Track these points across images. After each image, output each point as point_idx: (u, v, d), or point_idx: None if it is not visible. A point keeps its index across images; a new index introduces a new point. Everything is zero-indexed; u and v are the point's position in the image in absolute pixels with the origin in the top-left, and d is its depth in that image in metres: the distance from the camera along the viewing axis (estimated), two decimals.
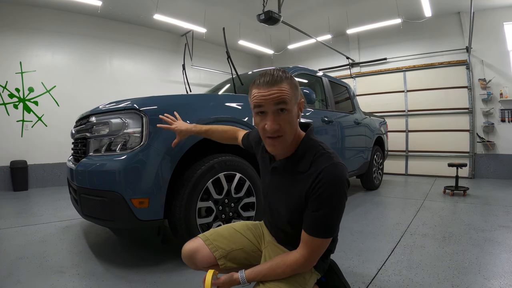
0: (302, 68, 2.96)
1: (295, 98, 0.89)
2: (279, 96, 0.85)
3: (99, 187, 1.54)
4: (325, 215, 0.85)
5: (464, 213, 2.80)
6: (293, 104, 0.88)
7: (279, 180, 1.00)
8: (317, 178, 0.85)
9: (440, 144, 5.63)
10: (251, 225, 1.21)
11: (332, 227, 0.88)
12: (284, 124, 0.87)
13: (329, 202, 0.84)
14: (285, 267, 0.90)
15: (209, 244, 1.09)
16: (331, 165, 0.86)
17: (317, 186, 0.84)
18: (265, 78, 0.86)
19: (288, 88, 0.86)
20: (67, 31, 5.12)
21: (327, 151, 0.91)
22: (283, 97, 0.85)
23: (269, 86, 0.85)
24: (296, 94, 0.89)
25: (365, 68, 6.66)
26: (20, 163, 4.54)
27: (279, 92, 0.85)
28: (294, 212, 0.94)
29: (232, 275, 0.94)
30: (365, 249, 1.94)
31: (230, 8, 5.47)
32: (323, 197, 0.84)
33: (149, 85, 6.16)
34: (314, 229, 0.87)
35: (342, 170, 0.86)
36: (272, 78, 0.86)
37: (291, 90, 0.87)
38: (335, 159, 0.88)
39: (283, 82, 0.86)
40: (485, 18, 5.10)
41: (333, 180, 0.84)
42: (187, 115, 1.66)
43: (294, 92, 0.89)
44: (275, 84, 0.85)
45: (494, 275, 1.50)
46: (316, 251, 0.89)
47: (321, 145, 0.94)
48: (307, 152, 0.92)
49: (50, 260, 1.80)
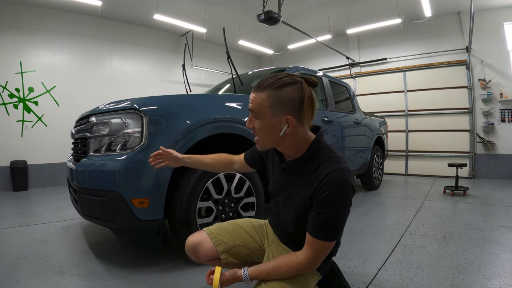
0: (302, 68, 2.96)
1: (271, 111, 0.87)
2: (251, 103, 0.90)
3: (99, 187, 1.54)
4: (328, 218, 0.85)
5: (464, 213, 2.80)
6: (265, 116, 0.88)
7: (287, 180, 1.01)
8: (323, 180, 0.85)
9: (440, 144, 5.63)
10: (255, 223, 1.22)
11: (335, 230, 0.88)
12: (257, 128, 0.92)
13: (333, 205, 0.84)
14: (288, 268, 0.91)
15: (213, 238, 1.10)
16: (338, 169, 0.86)
17: (322, 188, 0.85)
18: (260, 81, 0.90)
19: (263, 99, 0.87)
20: (67, 31, 5.12)
21: (336, 154, 0.92)
22: (253, 105, 0.90)
23: (253, 90, 0.91)
24: (275, 107, 0.86)
25: (365, 68, 6.66)
26: (20, 163, 4.54)
27: (253, 99, 0.90)
28: (299, 213, 0.95)
29: (235, 271, 0.95)
30: (365, 249, 1.94)
31: (230, 8, 5.47)
32: (328, 200, 0.84)
33: (149, 85, 6.16)
34: (317, 232, 0.87)
35: (348, 175, 0.87)
36: (259, 83, 0.90)
37: (266, 102, 0.87)
38: (342, 164, 0.88)
39: (264, 91, 0.88)
40: (485, 18, 5.09)
41: (338, 184, 0.84)
42: (187, 115, 1.67)
43: (272, 105, 0.86)
44: (256, 90, 0.90)
45: (494, 275, 1.50)
46: (320, 254, 0.90)
47: (330, 148, 0.94)
48: (315, 154, 0.93)
49: (50, 260, 1.79)
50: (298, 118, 0.88)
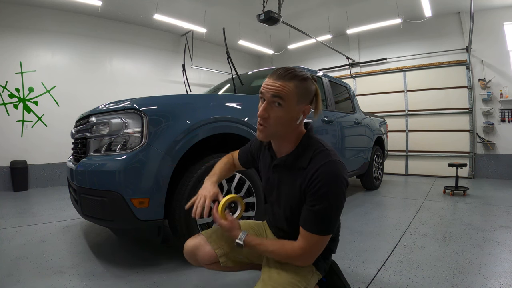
0: (302, 68, 2.96)
1: (297, 99, 0.90)
2: (279, 90, 0.88)
3: (99, 187, 1.54)
4: (321, 211, 0.85)
5: (464, 213, 2.80)
6: (291, 104, 0.89)
7: (280, 177, 1.01)
8: (315, 174, 0.86)
9: (440, 144, 5.63)
10: (254, 224, 1.21)
11: (329, 223, 0.87)
12: (272, 117, 0.90)
13: (326, 198, 0.85)
14: (281, 251, 0.92)
15: (211, 241, 1.10)
16: (329, 162, 0.87)
17: (315, 181, 0.86)
18: (279, 70, 0.90)
19: (292, 87, 0.88)
20: (67, 31, 5.12)
21: (326, 148, 0.93)
22: (282, 93, 0.88)
23: (276, 78, 0.89)
24: (301, 97, 0.90)
25: (365, 68, 6.66)
26: (20, 163, 4.54)
27: (281, 87, 0.88)
28: (293, 208, 0.95)
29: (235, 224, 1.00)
30: (365, 249, 1.94)
31: (230, 8, 5.47)
32: (320, 193, 0.85)
33: (149, 85, 6.16)
34: (310, 225, 0.87)
35: (340, 168, 0.88)
36: (284, 72, 0.89)
37: (295, 90, 0.89)
38: (334, 157, 0.90)
39: (291, 81, 0.88)
40: (485, 18, 5.09)
41: (330, 177, 0.85)
42: (187, 115, 1.66)
43: (299, 94, 0.90)
44: (282, 79, 0.89)
45: (494, 275, 1.50)
46: (314, 248, 0.90)
47: (321, 142, 0.96)
48: (307, 149, 0.94)
49: (50, 260, 1.79)
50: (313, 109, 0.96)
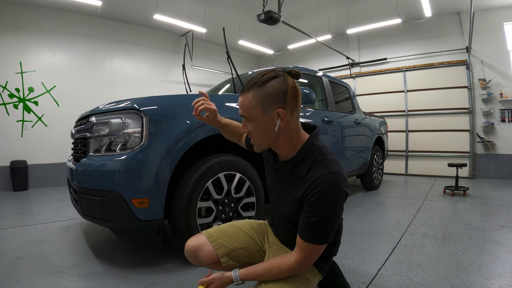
0: (302, 68, 2.96)
1: (262, 109, 0.87)
2: (242, 106, 0.89)
3: (99, 187, 1.54)
4: (317, 223, 0.84)
5: (464, 213, 2.80)
6: (256, 116, 0.88)
7: (280, 181, 1.01)
8: (312, 185, 0.84)
9: (440, 144, 5.63)
10: (255, 224, 1.21)
11: (324, 234, 0.86)
12: (251, 132, 0.91)
13: (322, 210, 0.83)
14: (280, 270, 0.90)
15: (212, 241, 1.09)
16: (328, 174, 0.84)
17: (311, 193, 0.83)
18: (247, 83, 0.89)
19: (250, 99, 0.87)
20: (67, 31, 5.12)
21: (327, 157, 0.89)
22: (244, 108, 0.89)
23: (241, 94, 0.90)
24: (265, 104, 0.86)
25: (365, 68, 6.66)
26: (20, 163, 4.54)
27: (242, 102, 0.89)
28: (292, 214, 0.94)
29: (222, 274, 0.96)
30: (365, 249, 1.94)
31: (230, 8, 5.47)
32: (316, 205, 0.83)
33: (149, 85, 6.16)
34: (306, 235, 0.86)
35: (339, 180, 0.84)
36: (245, 86, 0.89)
37: (254, 101, 0.87)
38: (334, 168, 0.86)
39: (250, 91, 0.87)
40: (485, 18, 5.09)
41: (327, 189, 0.82)
42: (187, 115, 1.66)
43: (261, 102, 0.86)
44: (244, 92, 0.89)
45: (494, 275, 1.50)
46: (310, 256, 0.89)
47: (323, 150, 0.91)
48: (307, 156, 0.91)
49: (50, 260, 1.79)
50: (289, 110, 0.88)
